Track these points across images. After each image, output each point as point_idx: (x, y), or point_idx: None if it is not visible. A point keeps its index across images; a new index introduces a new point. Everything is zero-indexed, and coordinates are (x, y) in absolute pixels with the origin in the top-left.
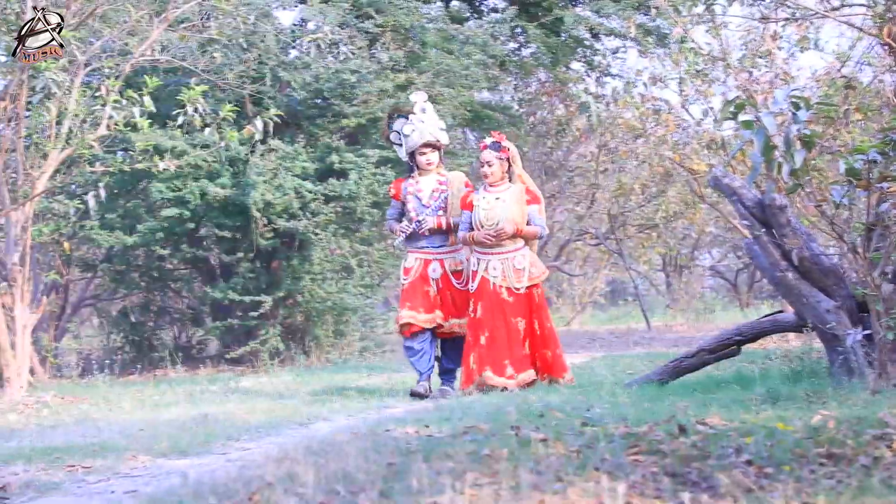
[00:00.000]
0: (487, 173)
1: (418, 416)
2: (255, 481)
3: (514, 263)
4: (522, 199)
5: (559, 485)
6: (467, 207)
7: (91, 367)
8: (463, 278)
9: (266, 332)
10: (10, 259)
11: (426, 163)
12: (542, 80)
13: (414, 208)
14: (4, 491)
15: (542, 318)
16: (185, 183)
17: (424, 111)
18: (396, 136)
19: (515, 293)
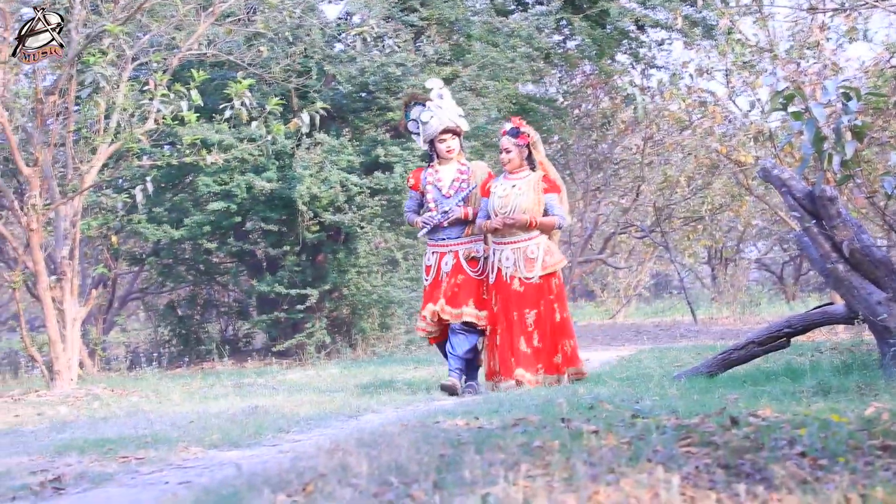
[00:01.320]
0: (504, 160)
1: (468, 408)
2: (308, 472)
3: (526, 253)
4: (539, 187)
5: (612, 476)
6: (485, 194)
7: (139, 361)
8: (478, 267)
9: (312, 325)
10: (60, 253)
11: (446, 150)
12: (587, 72)
13: (434, 199)
14: (59, 481)
15: (561, 308)
16: (232, 176)
17: (442, 97)
18: (414, 125)
19: (527, 283)
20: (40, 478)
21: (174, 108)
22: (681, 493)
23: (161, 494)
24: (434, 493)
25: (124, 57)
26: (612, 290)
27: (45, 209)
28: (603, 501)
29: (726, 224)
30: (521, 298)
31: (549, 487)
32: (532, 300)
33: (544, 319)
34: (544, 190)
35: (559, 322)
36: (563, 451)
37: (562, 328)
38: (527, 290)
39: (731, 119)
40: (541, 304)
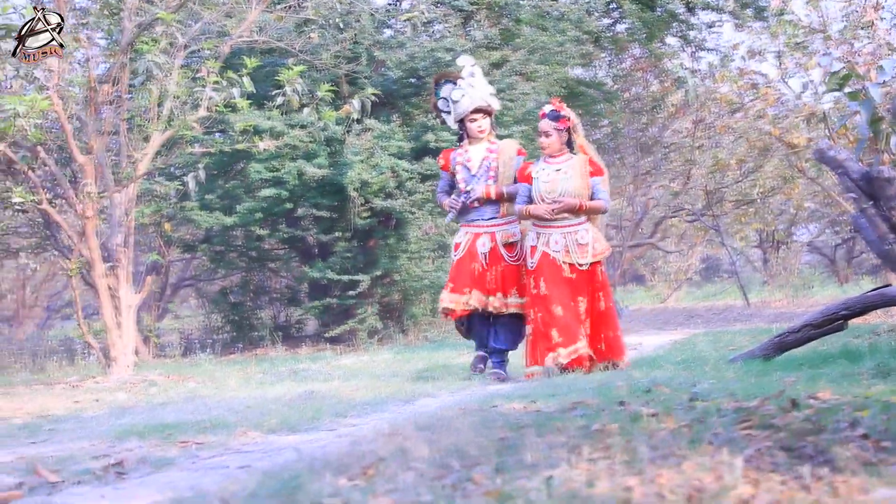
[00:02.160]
0: (544, 144)
1: (524, 391)
2: (368, 456)
3: (576, 238)
4: (585, 170)
5: (673, 459)
6: (525, 179)
7: (193, 347)
8: (516, 252)
9: (364, 310)
10: (115, 240)
11: (477, 130)
12: (637, 55)
13: (463, 179)
14: (121, 466)
15: (606, 297)
16: (283, 163)
17: (473, 75)
18: (444, 103)
19: (578, 270)
20: (103, 462)
21: (226, 96)
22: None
23: (222, 478)
24: (496, 476)
25: (176, 45)
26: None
27: (100, 197)
28: (665, 484)
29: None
30: (574, 286)
31: (610, 470)
32: (583, 288)
33: (591, 308)
34: (590, 173)
35: (604, 311)
36: (622, 434)
37: (605, 318)
38: (578, 277)
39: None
40: (589, 293)
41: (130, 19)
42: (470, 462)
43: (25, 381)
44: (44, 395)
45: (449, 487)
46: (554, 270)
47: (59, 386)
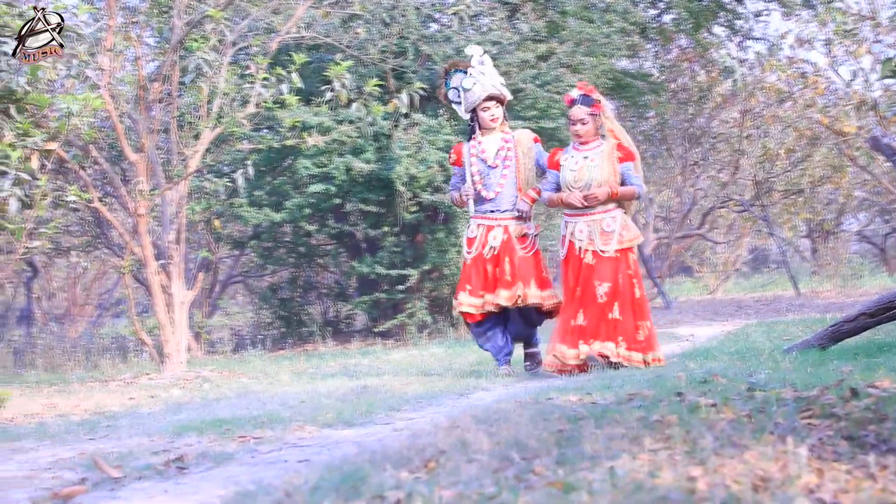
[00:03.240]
0: (581, 132)
1: (578, 384)
2: (428, 449)
3: (602, 226)
4: (614, 156)
5: (735, 449)
6: (554, 167)
7: (243, 343)
8: (527, 243)
9: (413, 305)
10: (166, 237)
11: (490, 119)
12: (683, 46)
13: (479, 171)
14: (182, 461)
15: (640, 285)
16: (331, 159)
17: (483, 63)
18: (455, 93)
19: (601, 256)
20: (163, 457)
21: (275, 92)
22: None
23: (283, 472)
24: (557, 468)
25: (225, 42)
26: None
27: (152, 194)
28: (729, 474)
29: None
30: (592, 271)
31: (672, 461)
32: (604, 273)
33: (623, 294)
34: (619, 159)
35: (638, 299)
36: (682, 424)
37: (641, 307)
38: (599, 264)
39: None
40: (618, 278)
41: (180, 17)
42: (530, 454)
43: (80, 379)
44: (99, 392)
45: (512, 479)
46: (574, 261)
47: (113, 383)
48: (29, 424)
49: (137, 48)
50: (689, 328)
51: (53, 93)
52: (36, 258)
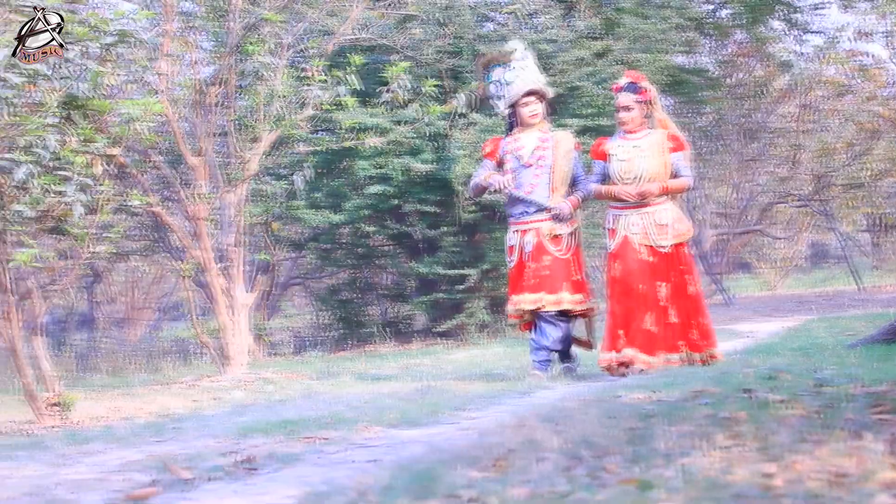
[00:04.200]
0: (626, 119)
1: (643, 382)
2: (496, 448)
3: (655, 219)
4: (665, 146)
5: (807, 445)
6: (600, 157)
7: (303, 345)
8: (562, 245)
9: (472, 305)
10: (226, 240)
11: (530, 115)
12: (740, 40)
13: (513, 169)
14: (250, 462)
15: (694, 280)
16: (388, 160)
17: (525, 58)
18: (496, 87)
19: (659, 252)
20: (231, 459)
21: (332, 94)
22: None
23: (353, 472)
24: (629, 465)
25: (282, 45)
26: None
27: (212, 198)
28: (804, 470)
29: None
30: (653, 270)
31: (745, 457)
32: (664, 272)
33: (677, 293)
34: (670, 149)
35: (691, 295)
36: (752, 421)
37: (695, 302)
38: (659, 261)
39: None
40: (671, 276)
41: (237, 21)
42: (600, 452)
43: (143, 382)
44: (162, 394)
45: (584, 477)
46: (632, 254)
47: (176, 385)
48: (96, 427)
49: (194, 53)
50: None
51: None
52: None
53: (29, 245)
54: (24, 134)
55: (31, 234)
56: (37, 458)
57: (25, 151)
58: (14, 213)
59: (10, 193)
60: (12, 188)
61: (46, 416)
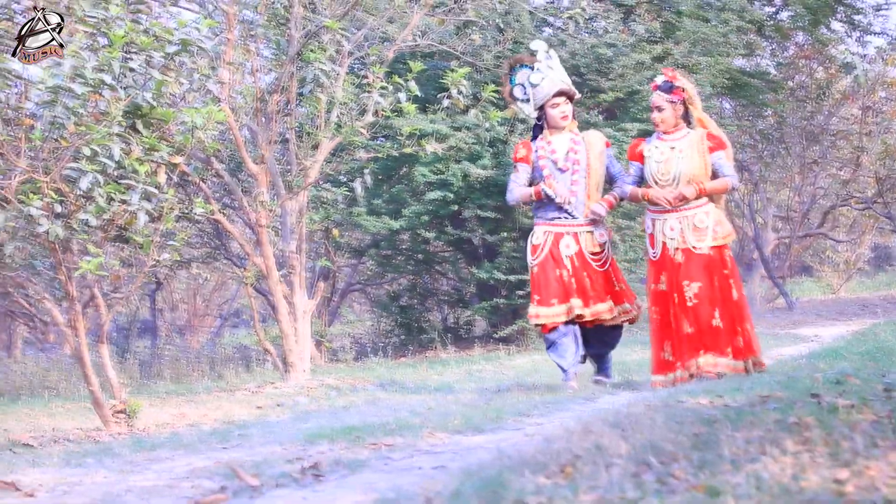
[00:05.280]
0: (657, 120)
1: (708, 387)
2: (563, 454)
3: (694, 222)
4: (704, 146)
5: (878, 450)
6: (637, 158)
7: (364, 351)
8: (602, 258)
9: None
10: (288, 247)
11: (560, 116)
12: (801, 42)
13: (550, 174)
14: (316, 468)
15: (738, 285)
16: (448, 166)
17: (551, 58)
18: (521, 90)
19: (691, 252)
20: (298, 465)
21: (392, 101)
22: None
23: (420, 479)
24: (697, 472)
25: (342, 52)
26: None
27: (273, 205)
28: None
29: None
30: (684, 270)
31: (815, 463)
32: (694, 271)
33: (719, 296)
34: (709, 149)
35: (736, 300)
36: (821, 426)
37: (740, 308)
38: (689, 261)
39: None
40: (714, 279)
41: (297, 29)
42: (667, 458)
43: (206, 389)
44: (226, 401)
45: (653, 483)
46: (669, 259)
47: (239, 392)
48: (162, 434)
49: (255, 61)
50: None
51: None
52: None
53: (94, 253)
54: (89, 143)
55: (96, 243)
56: (106, 464)
57: (90, 161)
58: (79, 221)
59: (75, 202)
60: (78, 197)
61: (113, 423)
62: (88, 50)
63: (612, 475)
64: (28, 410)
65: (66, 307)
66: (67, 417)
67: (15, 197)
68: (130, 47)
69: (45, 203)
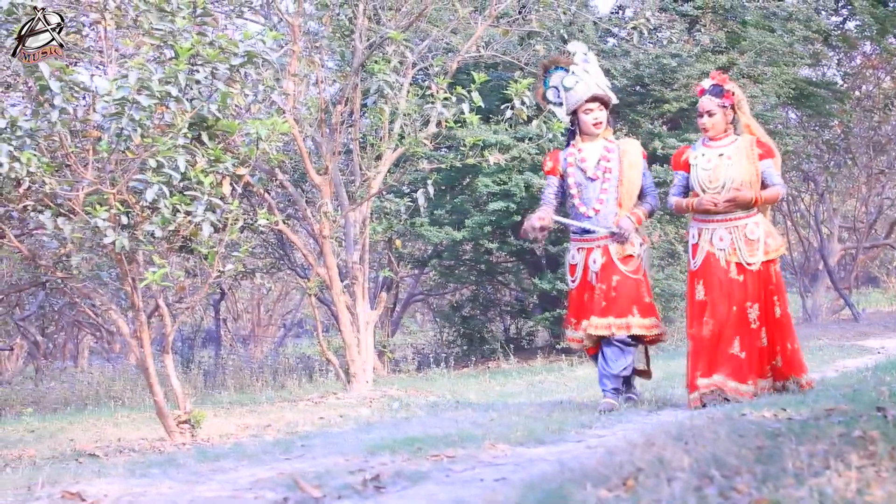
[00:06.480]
0: (707, 125)
1: (771, 400)
2: (625, 467)
3: (745, 233)
4: (753, 153)
5: None
6: (682, 167)
7: (426, 361)
8: (632, 264)
9: None
10: (351, 258)
11: (593, 122)
12: (867, 52)
13: (577, 183)
14: (378, 480)
15: (782, 302)
16: (510, 176)
17: (588, 62)
18: (555, 93)
19: (747, 270)
20: (359, 477)
21: (455, 111)
22: None
23: (481, 491)
24: (760, 485)
25: (406, 63)
26: None
27: (336, 216)
28: None
29: None
30: (742, 289)
31: (880, 478)
32: (754, 292)
33: (768, 314)
34: (759, 156)
35: (779, 318)
36: (886, 440)
37: (782, 326)
38: (748, 280)
39: None
40: (762, 297)
41: (361, 40)
42: (730, 471)
43: (269, 399)
44: (289, 411)
45: (715, 497)
46: (719, 272)
47: (301, 402)
48: (225, 444)
49: (319, 72)
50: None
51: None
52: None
53: (159, 264)
54: (155, 155)
55: (161, 254)
56: (170, 475)
57: (156, 172)
58: (145, 233)
59: (141, 214)
60: (143, 208)
61: (177, 433)
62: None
63: (674, 489)
64: (94, 420)
65: (132, 317)
66: (133, 427)
67: (82, 208)
68: (196, 59)
69: (111, 214)
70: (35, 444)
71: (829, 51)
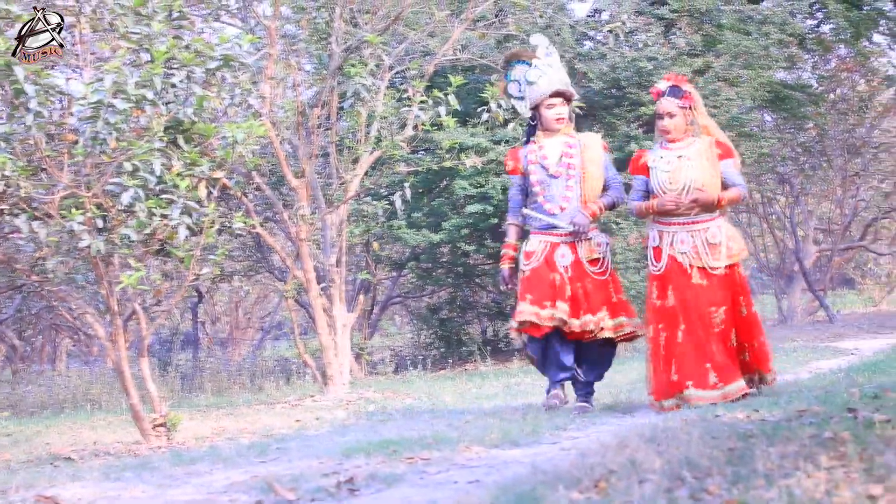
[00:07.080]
0: (669, 127)
1: (745, 401)
2: (597, 469)
3: (706, 237)
4: (713, 154)
5: None
6: (640, 171)
7: (404, 364)
8: (601, 265)
9: None
10: (328, 260)
11: (556, 117)
12: (842, 55)
13: (539, 181)
14: (352, 483)
15: (748, 301)
16: (487, 179)
17: (550, 55)
18: (517, 87)
19: (712, 274)
20: (333, 479)
21: (432, 115)
22: None
23: (455, 493)
24: (731, 488)
25: (382, 66)
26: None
27: (313, 218)
28: None
29: None
30: (707, 293)
31: (849, 479)
32: (720, 296)
33: (733, 316)
34: (718, 157)
35: (746, 317)
36: (856, 441)
37: (749, 324)
38: (711, 283)
39: None
40: (728, 300)
41: (338, 44)
42: (702, 473)
43: (246, 402)
44: (266, 414)
45: (686, 499)
46: (682, 277)
47: (278, 405)
48: (201, 448)
49: (296, 75)
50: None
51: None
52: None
53: (135, 267)
54: (131, 158)
55: (137, 257)
56: (144, 478)
57: (132, 176)
58: (121, 236)
59: (116, 217)
60: (119, 212)
61: (152, 436)
62: (131, 66)
63: (645, 491)
64: (70, 424)
65: (108, 321)
66: (109, 431)
67: (58, 212)
68: (172, 63)
69: (87, 218)
70: (11, 448)
71: (804, 54)
